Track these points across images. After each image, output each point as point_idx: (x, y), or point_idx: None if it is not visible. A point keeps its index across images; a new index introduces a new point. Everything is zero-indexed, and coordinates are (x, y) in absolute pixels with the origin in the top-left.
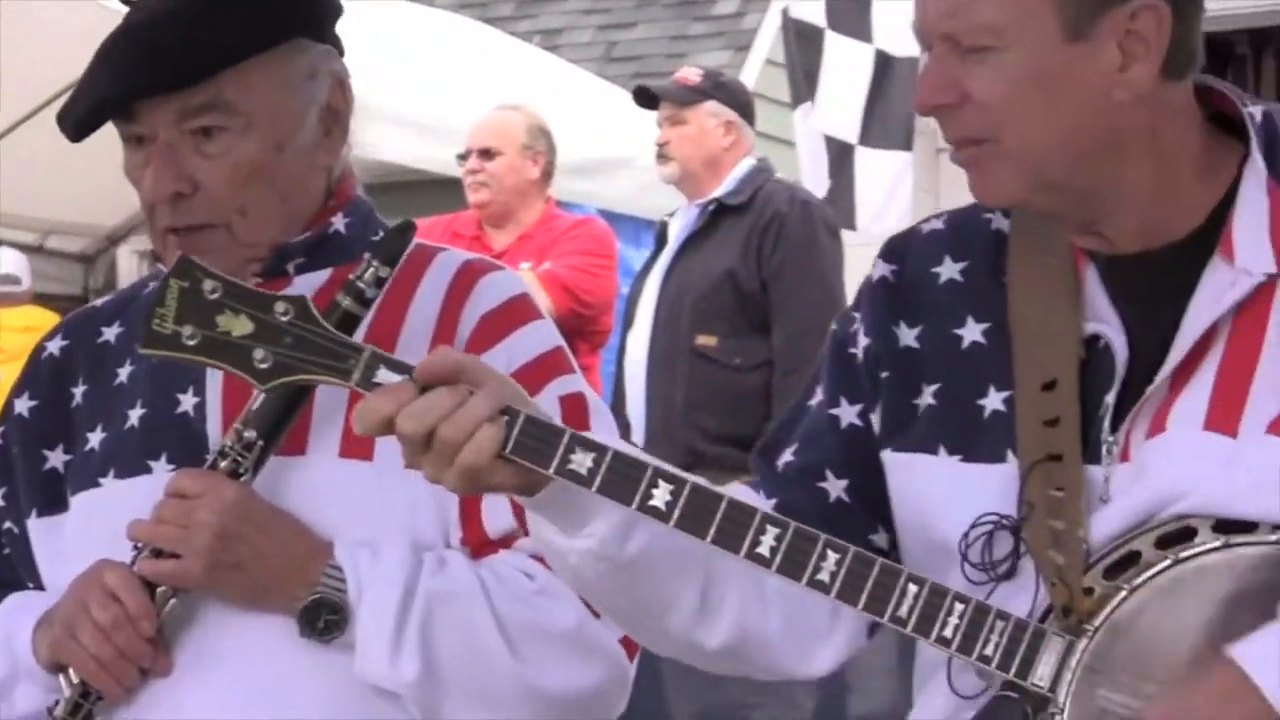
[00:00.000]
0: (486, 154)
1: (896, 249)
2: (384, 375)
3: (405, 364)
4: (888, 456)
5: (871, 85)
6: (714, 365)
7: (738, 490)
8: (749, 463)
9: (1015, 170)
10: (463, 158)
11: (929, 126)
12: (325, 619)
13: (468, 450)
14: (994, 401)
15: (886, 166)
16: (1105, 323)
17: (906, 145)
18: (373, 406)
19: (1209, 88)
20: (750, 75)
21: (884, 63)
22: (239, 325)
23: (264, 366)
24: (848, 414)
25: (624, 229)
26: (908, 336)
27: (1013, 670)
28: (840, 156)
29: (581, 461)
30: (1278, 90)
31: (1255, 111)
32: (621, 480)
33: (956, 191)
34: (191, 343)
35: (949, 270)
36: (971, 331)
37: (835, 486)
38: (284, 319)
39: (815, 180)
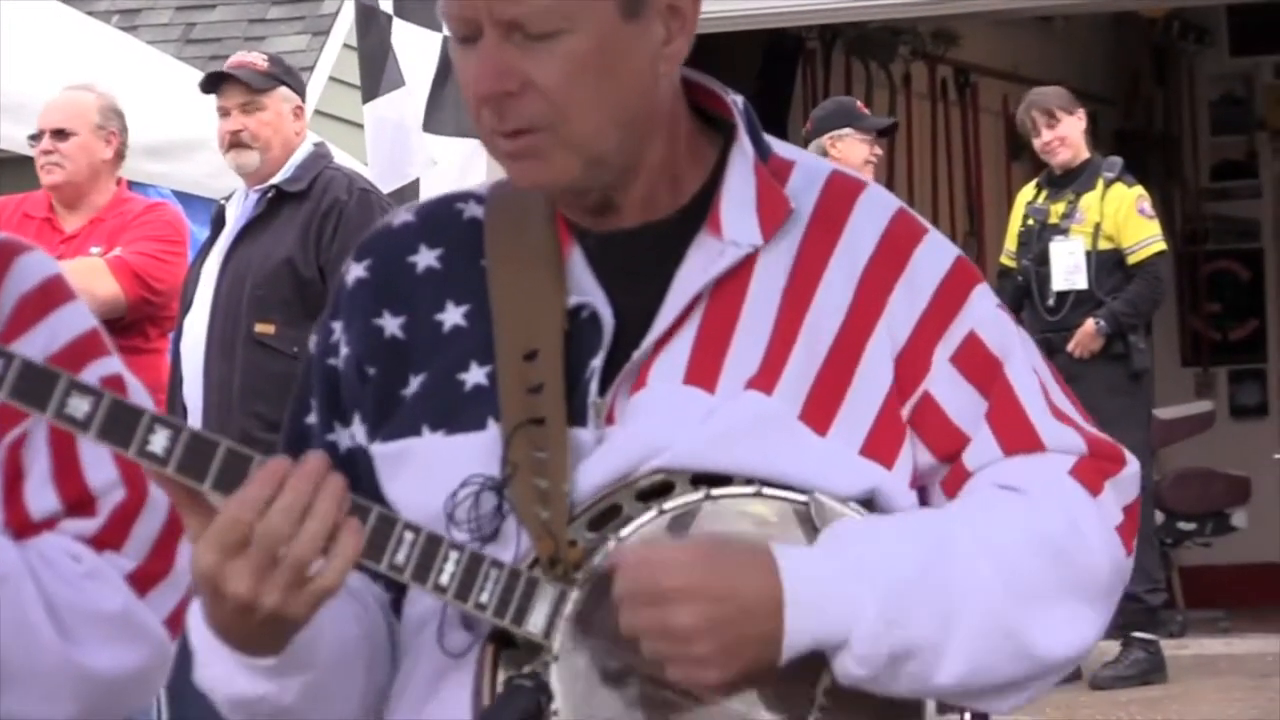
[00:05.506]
0: (60, 134)
1: (367, 247)
2: None
3: None
4: (376, 449)
5: (437, 73)
6: (272, 353)
7: None
8: None
9: (573, 153)
10: (35, 138)
11: None
12: None
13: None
14: (476, 376)
15: (454, 153)
16: (590, 295)
17: (474, 133)
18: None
19: (685, 79)
20: (328, 60)
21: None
22: None
23: None
24: (343, 439)
25: (197, 211)
26: (392, 326)
27: (508, 618)
28: (406, 143)
29: (78, 406)
30: (847, 81)
31: (737, 99)
32: (118, 426)
33: None
34: None
35: (425, 258)
36: (452, 315)
37: None
38: None
39: (383, 171)
